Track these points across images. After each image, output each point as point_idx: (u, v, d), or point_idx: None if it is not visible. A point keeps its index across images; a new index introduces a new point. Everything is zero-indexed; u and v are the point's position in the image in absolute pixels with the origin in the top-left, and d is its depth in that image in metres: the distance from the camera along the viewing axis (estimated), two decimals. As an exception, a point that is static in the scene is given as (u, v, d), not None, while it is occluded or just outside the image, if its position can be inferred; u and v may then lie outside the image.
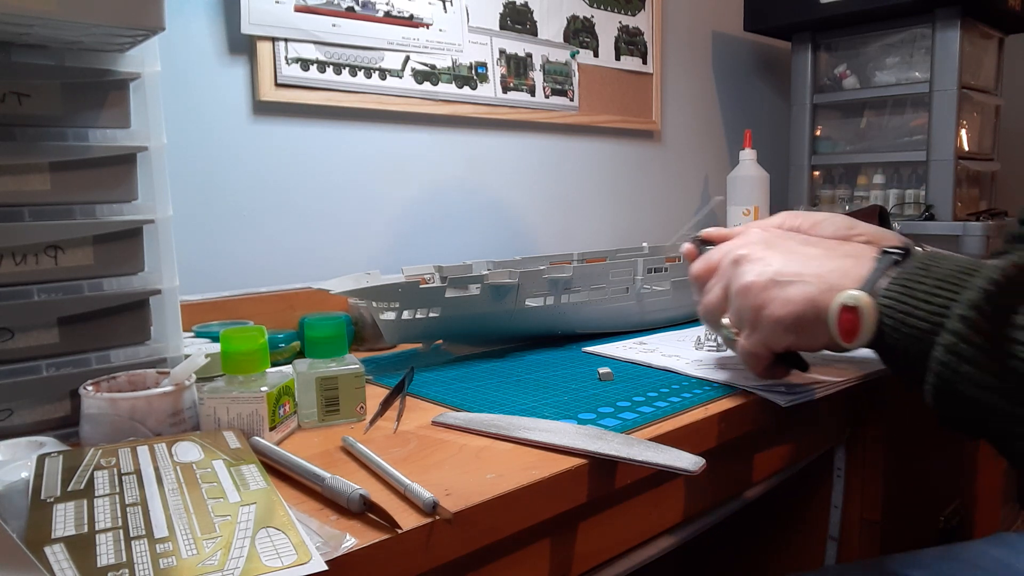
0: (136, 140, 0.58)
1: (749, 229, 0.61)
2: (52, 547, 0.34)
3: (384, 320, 0.74)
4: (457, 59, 1.12)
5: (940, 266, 0.46)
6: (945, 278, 0.44)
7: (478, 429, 0.54)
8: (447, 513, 0.40)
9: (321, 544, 0.36)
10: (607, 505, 0.53)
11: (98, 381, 0.53)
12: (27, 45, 0.53)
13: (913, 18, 1.44)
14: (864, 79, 1.54)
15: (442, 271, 0.88)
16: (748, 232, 0.60)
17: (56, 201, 0.55)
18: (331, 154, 1.01)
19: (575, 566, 0.52)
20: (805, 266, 0.53)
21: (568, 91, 1.29)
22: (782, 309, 0.52)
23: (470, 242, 1.18)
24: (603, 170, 1.39)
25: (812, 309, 0.51)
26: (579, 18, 1.30)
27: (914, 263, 0.47)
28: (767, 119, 1.79)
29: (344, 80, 1.00)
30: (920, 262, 0.47)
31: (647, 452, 0.48)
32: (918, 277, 0.46)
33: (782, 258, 0.54)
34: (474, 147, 1.18)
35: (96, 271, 0.57)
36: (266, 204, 0.96)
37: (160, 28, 0.52)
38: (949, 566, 0.64)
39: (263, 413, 0.52)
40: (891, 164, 1.53)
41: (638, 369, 0.71)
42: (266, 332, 0.55)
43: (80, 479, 0.41)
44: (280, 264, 0.97)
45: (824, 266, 0.52)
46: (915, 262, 0.47)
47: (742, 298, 0.55)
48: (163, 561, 0.33)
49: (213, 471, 0.43)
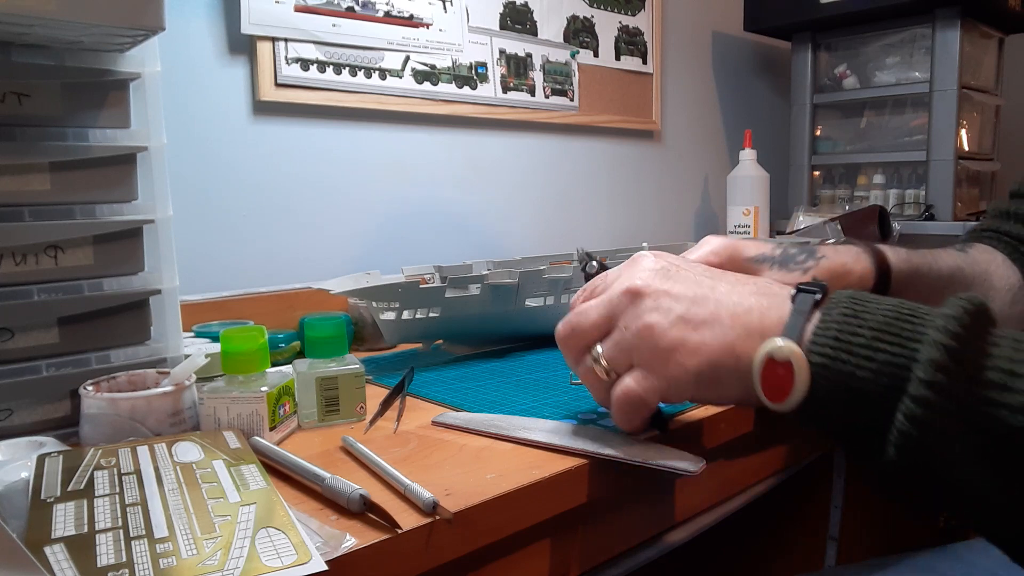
0: (136, 140, 0.58)
1: (640, 256, 0.51)
2: (52, 547, 0.34)
3: (384, 320, 0.74)
4: (457, 59, 1.12)
5: (870, 311, 0.39)
6: (884, 327, 0.38)
7: (478, 429, 0.54)
8: (447, 513, 0.40)
9: (321, 544, 0.36)
10: (607, 505, 0.53)
11: (98, 381, 0.53)
12: (27, 45, 0.53)
13: (913, 18, 1.44)
14: (864, 79, 1.54)
15: (442, 271, 0.88)
16: (640, 259, 0.50)
17: (56, 201, 0.54)
18: (331, 154, 1.01)
19: (575, 566, 0.52)
20: (718, 305, 0.44)
21: (568, 91, 1.29)
22: (693, 357, 0.44)
23: (470, 242, 1.18)
24: (603, 170, 1.39)
25: (730, 358, 0.43)
26: (579, 18, 1.30)
27: (839, 307, 0.40)
28: (767, 119, 1.79)
29: (344, 80, 1.00)
30: (846, 306, 0.40)
31: (647, 453, 0.47)
32: (851, 326, 0.39)
33: (689, 293, 0.45)
34: (474, 147, 1.17)
35: (96, 271, 0.57)
36: (266, 204, 0.96)
37: (160, 28, 0.52)
38: (949, 566, 0.64)
39: (263, 413, 0.52)
40: (891, 164, 1.53)
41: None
42: (266, 332, 0.55)
43: (80, 479, 0.41)
44: (280, 264, 0.97)
45: (739, 304, 0.44)
46: (840, 306, 0.40)
47: (642, 339, 0.45)
48: (163, 561, 0.33)
49: (213, 471, 0.43)
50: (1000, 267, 0.69)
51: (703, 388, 0.45)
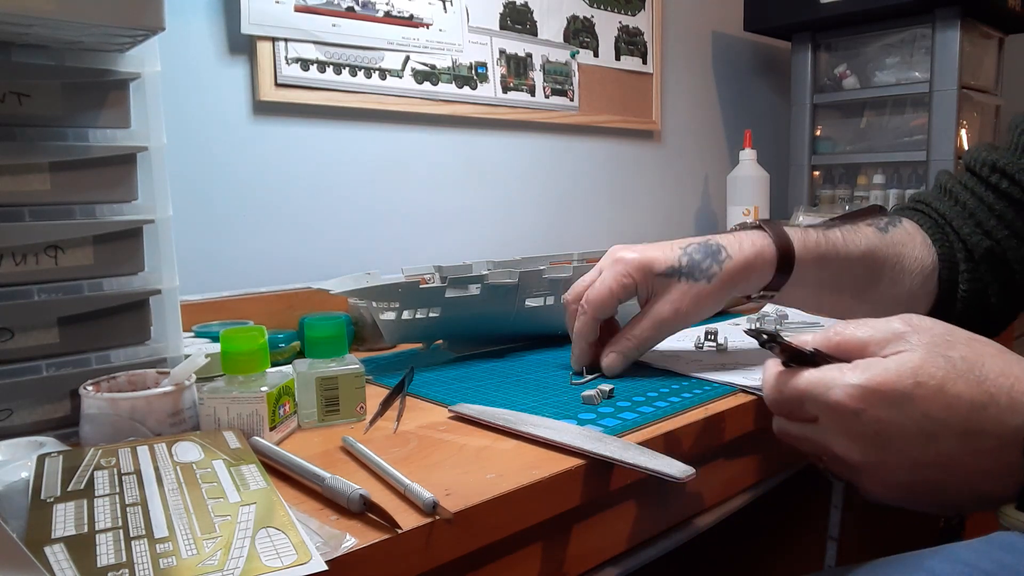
0: (136, 140, 0.58)
1: (901, 337, 0.43)
2: (52, 547, 0.34)
3: (384, 320, 0.74)
4: (457, 59, 1.12)
5: None
6: None
7: (490, 421, 0.55)
8: (447, 513, 0.40)
9: (321, 544, 0.36)
10: (608, 505, 0.53)
11: (98, 381, 0.53)
12: (27, 45, 0.53)
13: (913, 18, 1.44)
14: (864, 79, 1.54)
15: (442, 271, 0.88)
16: (906, 355, 0.42)
17: (56, 201, 0.54)
18: (331, 154, 1.01)
19: (575, 566, 0.52)
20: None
21: (568, 91, 1.29)
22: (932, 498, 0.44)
23: (470, 242, 1.18)
24: (603, 170, 1.39)
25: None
26: (579, 18, 1.30)
27: None
28: (767, 119, 1.79)
29: (344, 80, 1.00)
30: None
31: (640, 457, 0.48)
32: None
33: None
34: (474, 147, 1.17)
35: (96, 271, 0.57)
36: (266, 204, 0.96)
37: (160, 28, 0.52)
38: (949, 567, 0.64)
39: (263, 413, 0.52)
40: (891, 164, 1.53)
41: (638, 369, 0.71)
42: (266, 332, 0.55)
43: (80, 479, 0.41)
44: (280, 264, 0.97)
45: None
46: None
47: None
48: (163, 561, 0.33)
49: (213, 471, 0.43)
50: (917, 248, 0.69)
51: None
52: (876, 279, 0.68)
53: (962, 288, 0.70)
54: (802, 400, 0.45)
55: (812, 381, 0.44)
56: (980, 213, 0.69)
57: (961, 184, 0.72)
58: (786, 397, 0.46)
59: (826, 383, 0.43)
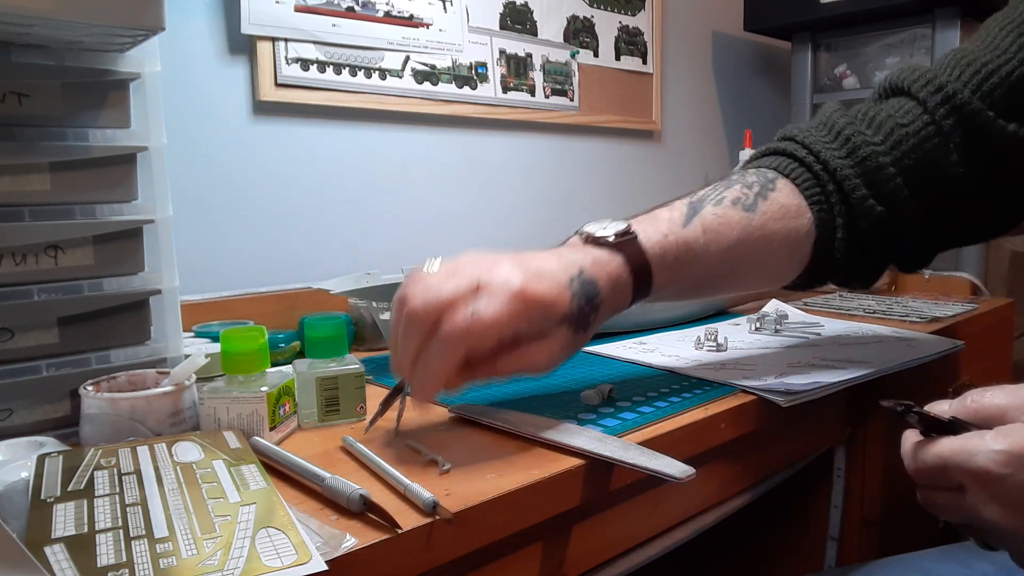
0: (136, 140, 0.58)
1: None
2: (52, 547, 0.34)
3: (384, 320, 0.74)
4: (457, 59, 1.12)
5: None
6: None
7: (490, 421, 0.55)
8: (447, 513, 0.40)
9: (321, 544, 0.36)
10: (608, 505, 0.53)
11: (98, 381, 0.53)
12: (27, 45, 0.53)
13: (913, 18, 1.44)
14: (864, 79, 1.54)
15: (442, 271, 0.88)
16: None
17: (56, 201, 0.54)
18: (331, 154, 1.01)
19: (575, 566, 0.52)
20: None
21: (568, 91, 1.29)
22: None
23: (470, 241, 1.18)
24: (603, 170, 1.39)
25: None
26: (579, 18, 1.30)
27: None
28: (767, 119, 1.79)
29: (344, 80, 1.00)
30: None
31: (640, 457, 0.48)
32: None
33: None
34: (474, 147, 1.17)
35: (96, 271, 0.57)
36: (266, 204, 0.96)
37: (160, 28, 0.52)
38: (949, 567, 0.64)
39: (263, 413, 0.52)
40: (891, 164, 1.53)
41: (638, 369, 0.71)
42: (266, 332, 0.55)
43: (80, 479, 0.41)
44: (280, 264, 0.97)
45: None
46: None
47: None
48: (163, 561, 0.33)
49: (213, 471, 0.43)
50: (790, 220, 0.63)
51: None
52: (740, 270, 0.64)
53: (838, 256, 0.65)
54: (945, 468, 0.44)
55: (955, 449, 0.44)
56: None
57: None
58: (928, 466, 0.45)
59: (969, 450, 0.43)
